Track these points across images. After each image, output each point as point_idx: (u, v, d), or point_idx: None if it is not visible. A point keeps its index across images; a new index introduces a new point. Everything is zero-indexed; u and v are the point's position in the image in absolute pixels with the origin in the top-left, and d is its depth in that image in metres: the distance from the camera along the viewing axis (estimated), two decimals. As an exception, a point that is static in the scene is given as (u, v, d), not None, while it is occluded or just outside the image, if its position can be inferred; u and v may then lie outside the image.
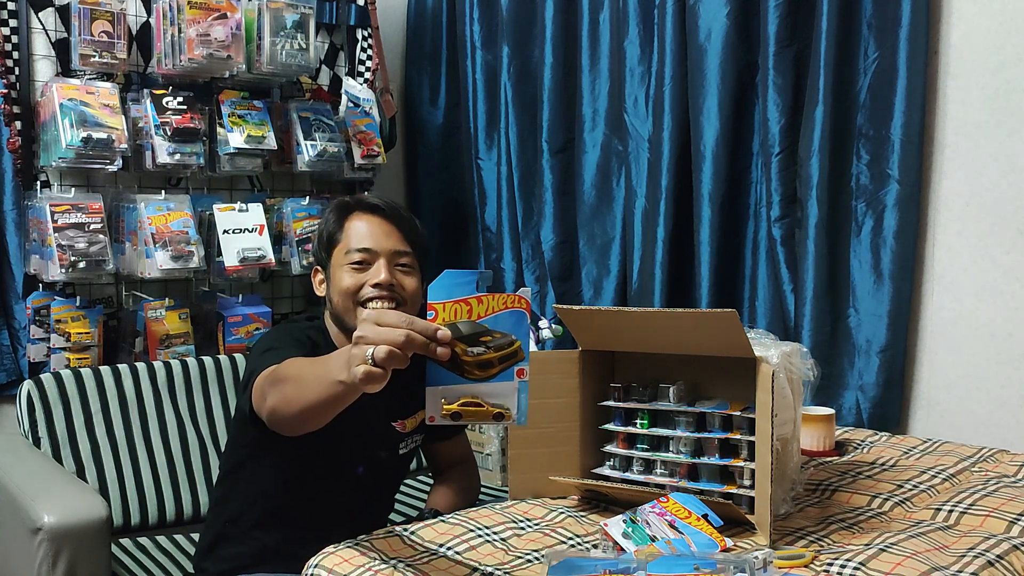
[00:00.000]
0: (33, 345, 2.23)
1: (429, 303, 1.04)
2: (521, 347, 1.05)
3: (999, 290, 1.96)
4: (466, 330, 1.04)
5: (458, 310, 1.04)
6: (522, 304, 1.05)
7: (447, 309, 1.04)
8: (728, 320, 1.21)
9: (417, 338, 1.00)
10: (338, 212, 1.64)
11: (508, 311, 1.05)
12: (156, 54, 2.33)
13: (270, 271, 2.50)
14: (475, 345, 1.03)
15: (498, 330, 1.04)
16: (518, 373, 1.05)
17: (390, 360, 0.99)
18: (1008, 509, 1.32)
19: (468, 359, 1.03)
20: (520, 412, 1.05)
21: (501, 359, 1.04)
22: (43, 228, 2.16)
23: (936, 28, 2.02)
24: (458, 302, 1.04)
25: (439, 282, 1.04)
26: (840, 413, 2.07)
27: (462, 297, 1.04)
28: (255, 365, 1.45)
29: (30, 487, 1.76)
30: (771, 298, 2.27)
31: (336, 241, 1.62)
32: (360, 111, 2.68)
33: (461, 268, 1.06)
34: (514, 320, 1.05)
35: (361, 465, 1.65)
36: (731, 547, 1.17)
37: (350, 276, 1.58)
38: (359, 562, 1.15)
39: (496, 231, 2.91)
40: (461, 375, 1.04)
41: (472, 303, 1.04)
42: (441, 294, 1.04)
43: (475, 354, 1.03)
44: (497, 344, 1.04)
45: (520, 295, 1.06)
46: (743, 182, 2.32)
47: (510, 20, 2.78)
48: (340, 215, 1.64)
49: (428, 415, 1.05)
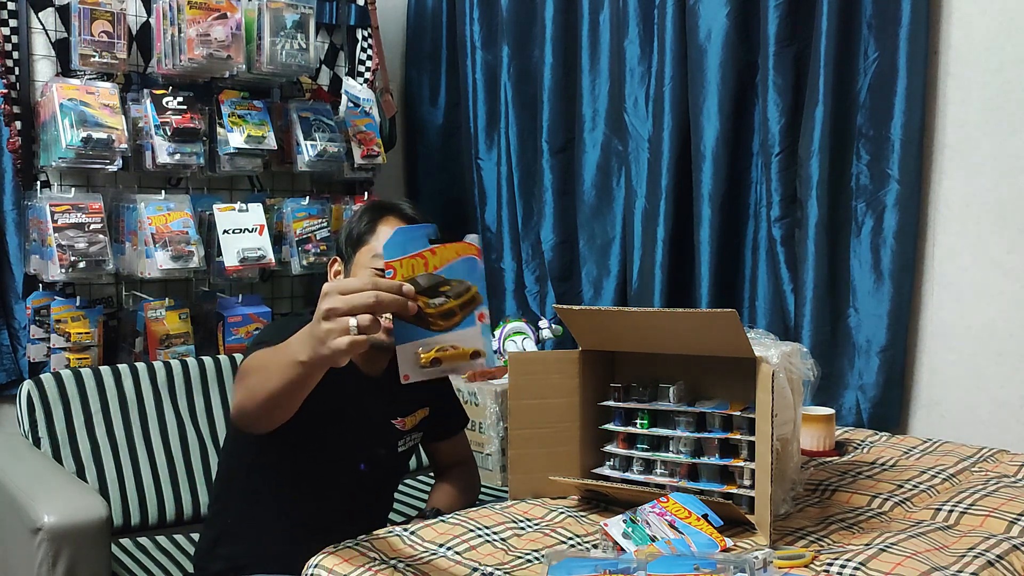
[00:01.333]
0: (33, 345, 2.23)
1: (386, 262, 1.06)
2: (478, 291, 1.07)
3: (999, 290, 1.96)
4: (425, 283, 1.06)
5: (415, 265, 1.06)
6: (472, 250, 1.08)
7: (404, 265, 1.05)
8: (728, 320, 1.21)
9: (387, 296, 1.01)
10: (372, 213, 1.63)
11: (461, 259, 1.07)
12: (156, 54, 2.33)
13: (270, 271, 2.50)
14: (436, 296, 1.05)
15: (454, 278, 1.07)
16: (479, 317, 1.07)
17: (372, 327, 1.00)
18: (1008, 509, 1.32)
19: (432, 311, 1.05)
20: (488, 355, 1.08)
21: (461, 306, 1.06)
22: (43, 228, 2.16)
23: (936, 28, 2.02)
24: (413, 257, 1.06)
25: (392, 240, 1.06)
26: (840, 413, 2.07)
27: (416, 252, 1.06)
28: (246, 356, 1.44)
29: (30, 487, 1.75)
30: (771, 298, 2.27)
31: (364, 241, 1.60)
32: (360, 111, 2.68)
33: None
34: (467, 266, 1.07)
35: (362, 462, 1.65)
36: (731, 547, 1.17)
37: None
38: (359, 562, 1.15)
39: (496, 231, 2.91)
40: (427, 328, 1.05)
41: (426, 256, 1.06)
42: (396, 251, 1.06)
43: (437, 305, 1.05)
44: (456, 292, 1.06)
45: (470, 242, 1.08)
46: (743, 182, 2.32)
47: (510, 20, 2.78)
48: (374, 216, 1.62)
49: (402, 373, 1.06)
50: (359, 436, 1.62)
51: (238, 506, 1.66)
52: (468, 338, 1.06)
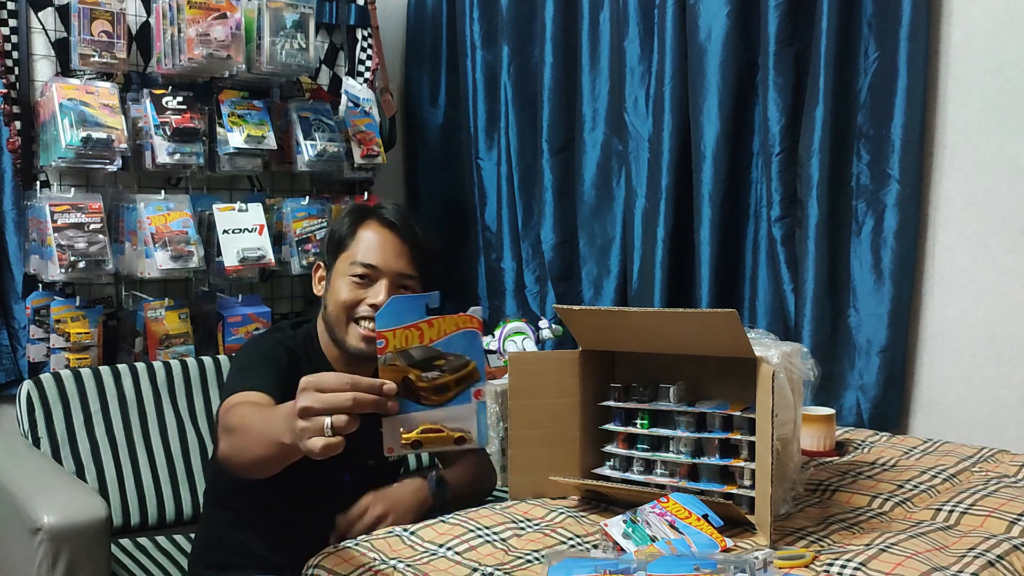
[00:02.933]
0: (33, 345, 2.22)
1: (378, 331, 1.02)
2: (476, 367, 1.03)
3: (999, 290, 1.96)
4: (419, 355, 1.02)
5: (409, 336, 1.02)
6: (473, 323, 1.04)
7: (397, 336, 1.02)
8: (728, 320, 1.21)
9: (365, 398, 0.98)
10: (353, 217, 1.60)
11: (460, 332, 1.03)
12: (156, 54, 2.32)
13: (270, 271, 2.49)
14: (429, 370, 1.02)
15: (451, 352, 1.03)
16: (475, 394, 1.03)
17: (348, 427, 0.98)
18: (1008, 509, 1.32)
19: (423, 384, 1.02)
20: (480, 434, 1.04)
21: (457, 382, 1.03)
22: (43, 228, 2.16)
23: (936, 28, 2.02)
24: (408, 328, 1.02)
25: (387, 309, 1.03)
26: (840, 413, 2.07)
27: (412, 322, 1.02)
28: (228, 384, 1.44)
29: (30, 487, 1.75)
30: (771, 298, 2.27)
31: (344, 247, 1.57)
32: (360, 111, 2.68)
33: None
34: (467, 340, 1.03)
35: (347, 473, 1.63)
36: (731, 547, 1.17)
37: (349, 289, 1.54)
38: (359, 562, 1.15)
39: (496, 231, 2.91)
40: (417, 402, 1.02)
41: (423, 327, 1.02)
42: (390, 321, 1.02)
43: (430, 379, 1.02)
44: (452, 366, 1.03)
45: (471, 315, 1.04)
46: (743, 182, 2.32)
47: (510, 20, 2.78)
48: (354, 221, 1.59)
49: (386, 447, 1.03)
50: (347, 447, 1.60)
51: (223, 512, 1.65)
52: (460, 416, 1.03)
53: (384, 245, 1.56)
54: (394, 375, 1.02)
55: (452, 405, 1.03)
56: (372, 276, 1.54)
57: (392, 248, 1.56)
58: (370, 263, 1.54)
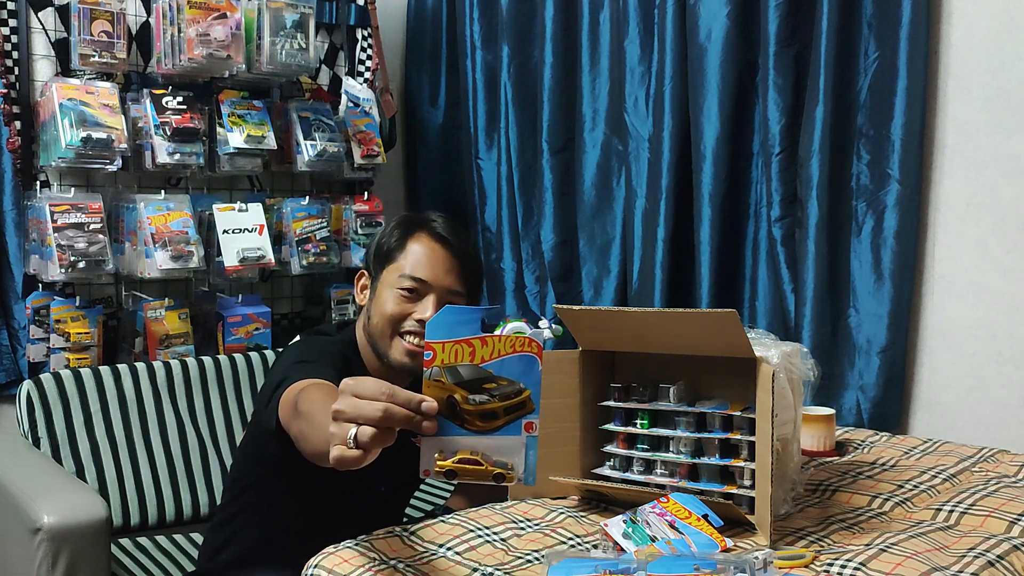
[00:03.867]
0: (33, 345, 2.22)
1: (427, 342, 0.93)
2: (531, 397, 0.94)
3: (999, 290, 1.96)
4: (467, 375, 0.93)
5: (459, 351, 0.93)
6: (533, 349, 0.94)
7: (447, 350, 0.93)
8: (728, 320, 1.21)
9: (398, 412, 0.90)
10: (404, 229, 1.57)
11: (517, 355, 0.94)
12: (156, 54, 2.32)
13: (270, 271, 2.49)
14: (477, 392, 0.93)
15: (504, 376, 0.94)
16: (526, 427, 0.93)
17: (373, 442, 0.89)
18: (1008, 509, 1.32)
19: (469, 407, 0.92)
20: (528, 471, 0.94)
21: (507, 410, 0.93)
22: (43, 228, 2.16)
23: (936, 28, 2.02)
24: (460, 342, 0.93)
25: (439, 319, 0.94)
26: (840, 413, 2.07)
27: (464, 337, 0.93)
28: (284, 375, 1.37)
29: (30, 487, 1.75)
30: (771, 298, 2.27)
31: (392, 259, 1.55)
32: (360, 111, 2.68)
33: None
34: (523, 365, 0.94)
35: (383, 484, 1.62)
36: (731, 547, 1.17)
37: (397, 303, 1.52)
38: (359, 562, 1.15)
39: (496, 231, 2.91)
40: (460, 425, 0.93)
41: (475, 344, 0.93)
42: (441, 332, 0.93)
43: (477, 403, 0.93)
44: (503, 392, 0.93)
45: (532, 338, 0.95)
46: (743, 182, 2.32)
47: (510, 20, 2.78)
48: (405, 233, 1.56)
49: (423, 469, 0.95)
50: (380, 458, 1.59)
51: (248, 516, 1.64)
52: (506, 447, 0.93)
53: (435, 259, 1.54)
54: (438, 393, 0.94)
55: (499, 435, 0.93)
56: (420, 291, 1.52)
57: (443, 263, 1.54)
58: (420, 277, 1.52)
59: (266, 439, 1.41)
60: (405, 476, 1.66)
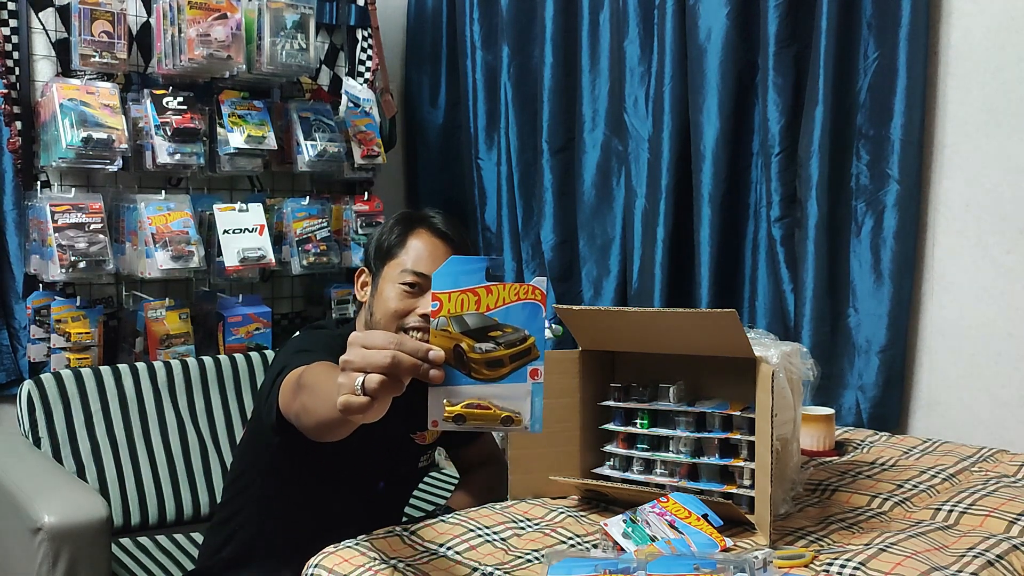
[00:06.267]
0: (33, 345, 2.23)
1: (433, 292, 0.95)
2: (536, 344, 0.95)
3: (999, 290, 1.96)
4: (473, 323, 0.94)
5: (465, 301, 0.94)
6: (537, 296, 0.95)
7: (452, 300, 0.94)
8: (728, 320, 1.21)
9: (405, 359, 0.91)
10: (403, 225, 1.59)
11: (521, 303, 0.95)
12: (156, 54, 2.33)
13: (270, 271, 2.50)
14: (483, 340, 0.94)
15: (509, 324, 0.95)
16: (532, 373, 0.95)
17: (382, 389, 0.91)
18: (1008, 509, 1.32)
19: (475, 356, 0.94)
20: (534, 418, 0.95)
21: (512, 357, 0.94)
22: (43, 228, 2.16)
23: (936, 28, 2.02)
24: (465, 292, 0.94)
25: (444, 269, 0.95)
26: (840, 413, 2.07)
27: (470, 287, 0.94)
28: (284, 364, 1.38)
29: (30, 487, 1.76)
30: (771, 298, 2.27)
31: (393, 255, 1.56)
32: (360, 111, 2.68)
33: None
34: (528, 313, 0.95)
35: (382, 480, 1.63)
36: (731, 547, 1.17)
37: (399, 299, 1.52)
38: (359, 562, 1.15)
39: (496, 231, 2.91)
40: (467, 374, 0.94)
41: (480, 293, 0.94)
42: (446, 282, 0.94)
43: (483, 351, 0.94)
44: (508, 340, 0.94)
45: (535, 285, 0.96)
46: (743, 182, 2.32)
47: (510, 20, 2.78)
48: (405, 229, 1.58)
49: (430, 419, 0.96)
50: (379, 454, 1.59)
51: (248, 514, 1.64)
52: (512, 394, 0.94)
53: (435, 254, 1.55)
54: (445, 342, 0.94)
55: (505, 382, 0.94)
56: (422, 285, 1.53)
57: (444, 257, 1.53)
58: (421, 271, 1.53)
59: (267, 435, 1.42)
60: (405, 473, 1.67)
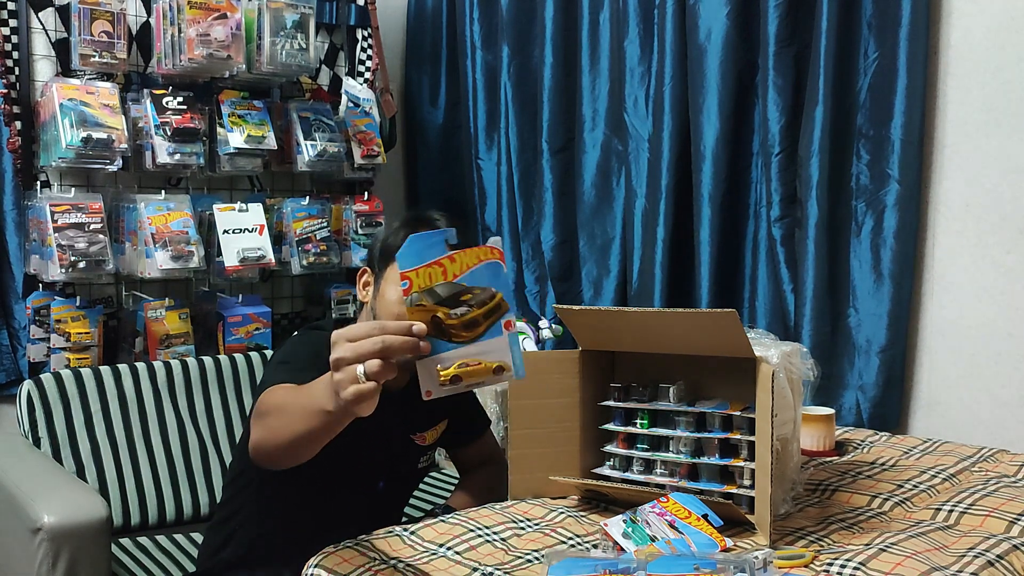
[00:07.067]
0: (33, 345, 2.23)
1: (401, 272, 1.00)
2: (503, 298, 1.01)
3: (999, 290, 1.96)
4: (444, 292, 1.00)
5: (432, 274, 1.00)
6: (495, 254, 1.01)
7: (420, 275, 1.00)
8: (728, 320, 1.21)
9: (395, 340, 0.97)
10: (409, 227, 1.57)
11: (483, 264, 1.01)
12: (156, 54, 2.33)
13: (270, 271, 2.50)
14: (457, 306, 1.00)
15: (476, 285, 1.01)
16: (506, 326, 1.01)
17: (381, 372, 0.96)
18: (1008, 509, 1.32)
19: (453, 321, 0.99)
20: (517, 366, 1.01)
21: (486, 315, 1.00)
22: (43, 228, 2.16)
23: (936, 28, 2.02)
24: (430, 265, 1.00)
25: (407, 249, 1.00)
26: (840, 413, 2.07)
27: (434, 260, 1.00)
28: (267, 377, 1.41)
29: (30, 487, 1.76)
30: (771, 298, 2.27)
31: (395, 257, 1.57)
32: (360, 111, 2.68)
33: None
34: (491, 272, 1.01)
35: (382, 480, 1.63)
36: (731, 547, 1.17)
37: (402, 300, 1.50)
38: (359, 562, 1.15)
39: (496, 231, 2.91)
40: (449, 340, 0.99)
41: (445, 263, 1.00)
42: (412, 260, 1.00)
43: (459, 315, 0.99)
44: (479, 300, 1.00)
45: (492, 245, 1.02)
46: (743, 182, 2.32)
47: (510, 20, 2.78)
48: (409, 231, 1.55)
49: (424, 390, 1.01)
50: (379, 455, 1.59)
51: (247, 513, 1.64)
52: (494, 349, 1.00)
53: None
54: (422, 315, 1.00)
55: (484, 339, 1.00)
56: None
57: None
58: None
59: None
60: (405, 474, 1.67)
